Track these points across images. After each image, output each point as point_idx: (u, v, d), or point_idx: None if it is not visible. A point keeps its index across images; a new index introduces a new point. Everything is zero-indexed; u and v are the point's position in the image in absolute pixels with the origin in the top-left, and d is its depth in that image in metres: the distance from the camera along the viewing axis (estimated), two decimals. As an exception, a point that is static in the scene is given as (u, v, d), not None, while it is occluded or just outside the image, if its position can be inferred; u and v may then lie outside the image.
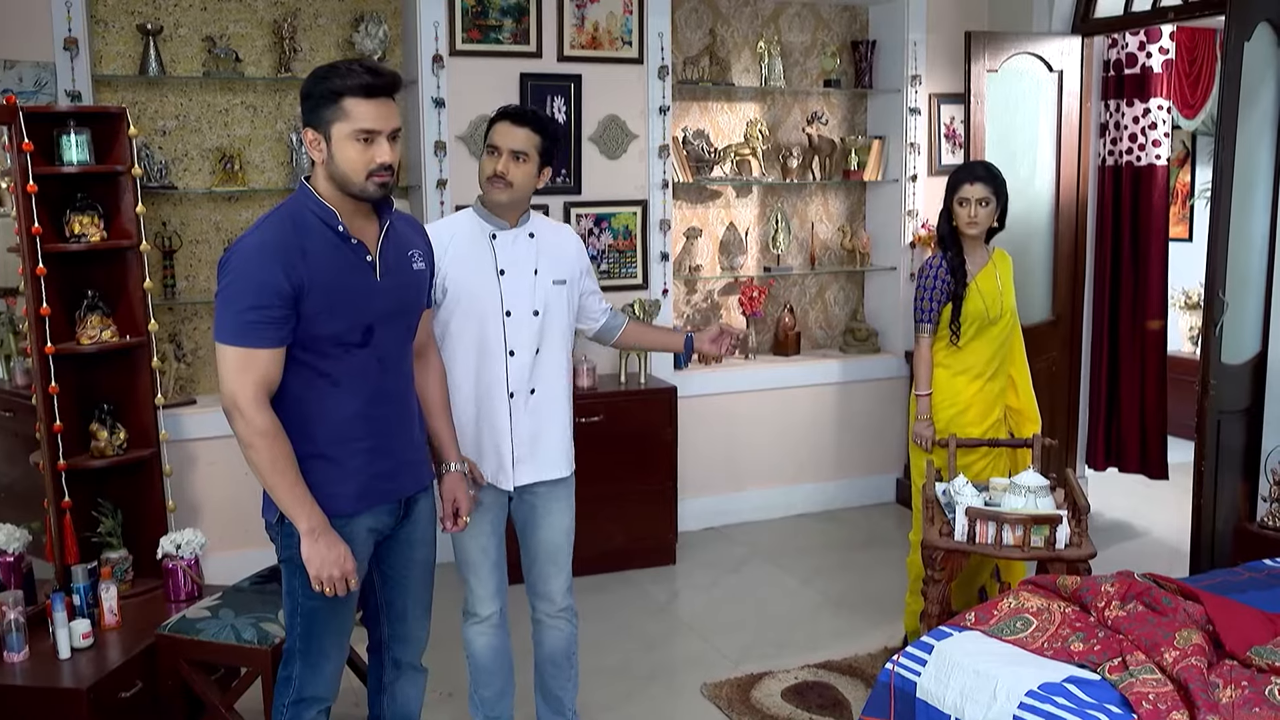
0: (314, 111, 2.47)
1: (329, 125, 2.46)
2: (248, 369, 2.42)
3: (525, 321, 3.08)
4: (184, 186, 4.89)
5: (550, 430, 3.17)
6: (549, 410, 3.16)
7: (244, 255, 2.43)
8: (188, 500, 4.70)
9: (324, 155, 2.49)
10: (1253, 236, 4.47)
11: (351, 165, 2.47)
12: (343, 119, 2.45)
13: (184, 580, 3.75)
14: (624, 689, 4.00)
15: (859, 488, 6.09)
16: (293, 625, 2.65)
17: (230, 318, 2.42)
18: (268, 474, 2.48)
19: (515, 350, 3.08)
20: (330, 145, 2.47)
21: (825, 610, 4.69)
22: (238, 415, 2.44)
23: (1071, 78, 5.53)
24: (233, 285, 2.42)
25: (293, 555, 2.57)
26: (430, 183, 4.98)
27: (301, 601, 2.61)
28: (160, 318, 4.86)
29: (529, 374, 3.10)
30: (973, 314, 3.91)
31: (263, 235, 2.47)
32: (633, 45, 5.28)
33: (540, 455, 3.16)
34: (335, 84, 2.44)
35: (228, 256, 2.44)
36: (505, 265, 3.08)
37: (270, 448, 2.46)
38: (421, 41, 4.91)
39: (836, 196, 6.21)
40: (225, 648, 3.18)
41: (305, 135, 2.51)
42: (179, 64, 4.85)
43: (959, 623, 3.02)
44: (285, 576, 2.64)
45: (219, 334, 2.44)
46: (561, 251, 3.20)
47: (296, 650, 2.65)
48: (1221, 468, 4.42)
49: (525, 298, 3.08)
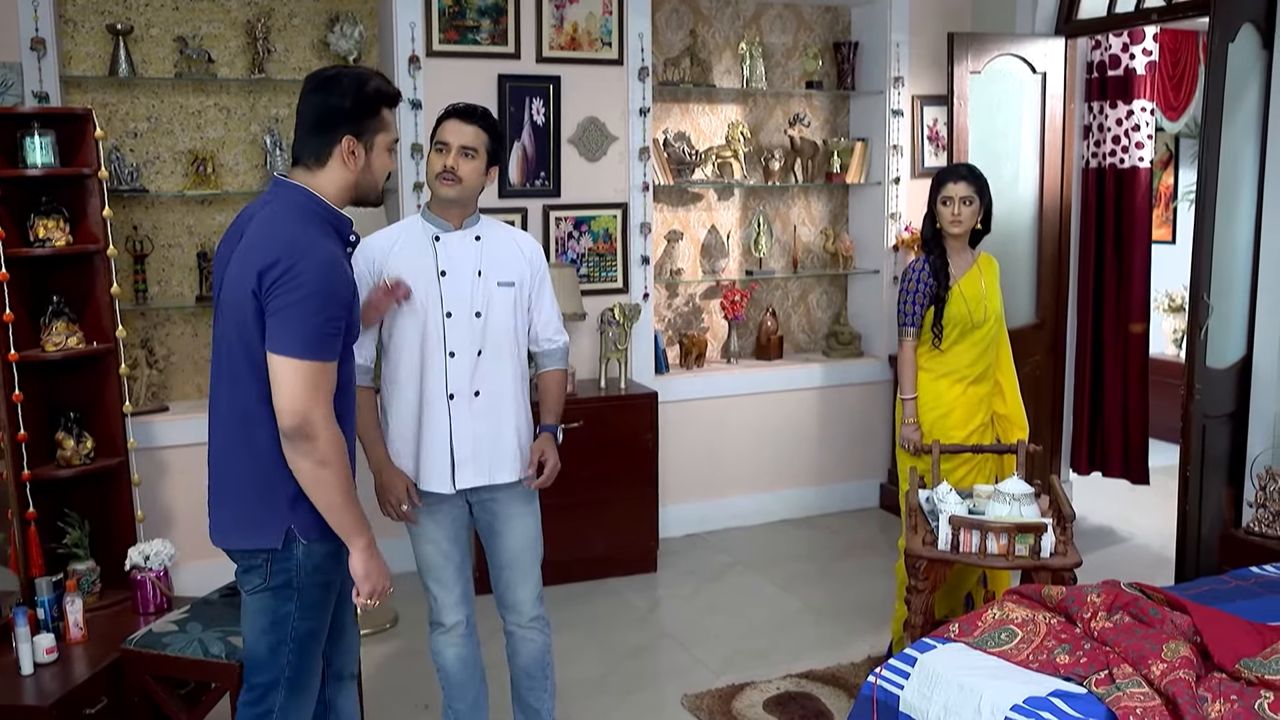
0: (360, 121, 2.45)
1: (373, 135, 2.47)
2: (321, 384, 2.34)
3: (466, 322, 3.05)
4: (155, 189, 4.80)
5: (496, 433, 3.11)
6: (494, 413, 3.11)
7: (317, 265, 2.32)
8: (159, 509, 4.61)
9: (359, 165, 2.47)
10: (1237, 239, 4.43)
11: (381, 175, 2.52)
12: (385, 130, 2.49)
13: (153, 592, 3.66)
14: (604, 701, 3.93)
15: (842, 493, 6.04)
16: (278, 655, 2.52)
17: (307, 331, 2.31)
18: (338, 493, 2.40)
19: (455, 351, 3.05)
20: (370, 155, 2.47)
21: (808, 618, 4.63)
22: (311, 436, 2.33)
23: (1055, 79, 5.49)
24: (311, 298, 2.30)
25: (290, 580, 2.47)
26: (406, 185, 4.91)
27: (296, 626, 2.51)
28: (132, 323, 4.79)
29: (470, 375, 3.06)
30: (955, 317, 3.86)
31: (321, 243, 2.38)
32: (612, 46, 5.22)
33: (484, 458, 3.10)
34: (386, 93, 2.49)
35: (290, 267, 2.30)
36: (446, 266, 3.05)
37: (344, 466, 2.41)
38: (398, 42, 4.84)
39: (819, 199, 6.16)
40: (192, 663, 3.10)
41: (344, 144, 2.44)
42: (150, 65, 4.76)
43: (943, 634, 2.96)
44: (273, 605, 2.49)
45: (290, 349, 2.30)
46: (512, 253, 3.15)
47: (283, 680, 2.54)
48: (1207, 473, 4.38)
49: (465, 299, 3.05)
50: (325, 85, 2.47)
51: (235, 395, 2.43)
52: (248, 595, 2.53)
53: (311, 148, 2.46)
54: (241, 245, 2.41)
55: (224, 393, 2.46)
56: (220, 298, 2.46)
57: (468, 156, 3.00)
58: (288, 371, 2.31)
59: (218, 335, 2.47)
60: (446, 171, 2.98)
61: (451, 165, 2.98)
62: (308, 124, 2.47)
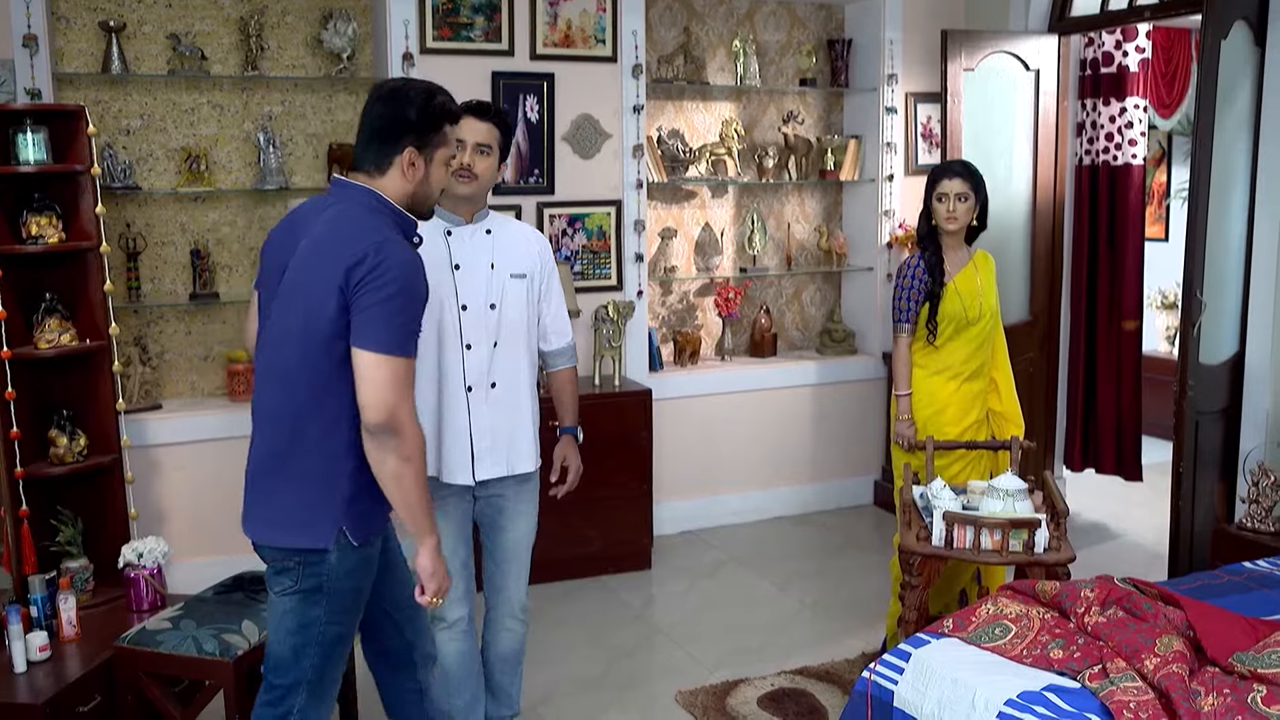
0: (423, 133, 2.49)
1: (434, 149, 2.53)
2: (405, 380, 2.36)
3: (481, 315, 3.08)
4: (148, 187, 4.79)
5: (512, 424, 3.15)
6: (511, 404, 3.14)
7: (401, 264, 2.35)
8: (152, 507, 4.60)
9: (418, 176, 2.51)
10: (1230, 236, 4.44)
11: (437, 189, 2.59)
12: (445, 144, 2.56)
13: (146, 590, 3.65)
14: (599, 698, 3.93)
15: (836, 490, 6.04)
16: (302, 657, 2.51)
17: (394, 328, 2.33)
18: (416, 490, 2.42)
19: (472, 344, 3.07)
20: (429, 168, 2.53)
21: (802, 615, 4.63)
22: (398, 431, 2.35)
23: (1048, 77, 5.50)
24: (398, 295, 2.34)
25: (321, 585, 2.47)
26: (400, 183, 4.90)
27: (324, 630, 2.51)
28: (125, 321, 4.77)
29: (487, 367, 3.09)
30: (950, 314, 3.87)
31: (402, 242, 2.43)
32: (606, 44, 5.22)
33: (502, 449, 3.14)
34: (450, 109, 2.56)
35: (378, 264, 2.32)
36: (460, 260, 3.08)
37: (424, 462, 2.44)
38: (391, 39, 4.83)
39: (813, 196, 6.16)
40: (186, 660, 3.09)
41: (406, 155, 2.48)
42: (143, 62, 4.75)
43: (937, 629, 2.97)
44: (302, 609, 2.48)
45: (379, 345, 2.32)
46: (522, 247, 3.19)
47: (305, 682, 2.53)
48: (1199, 469, 4.39)
49: (480, 291, 3.08)
50: (393, 95, 2.50)
51: (293, 391, 2.42)
52: (276, 596, 2.52)
53: (373, 155, 2.49)
54: (316, 242, 2.41)
55: (275, 388, 2.45)
56: (278, 296, 2.45)
57: (483, 153, 3.03)
58: (376, 367, 2.32)
59: (271, 331, 2.46)
60: (464, 169, 3.00)
61: (469, 163, 3.01)
62: (371, 132, 2.50)
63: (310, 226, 2.46)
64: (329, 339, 2.36)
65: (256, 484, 2.51)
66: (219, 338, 4.99)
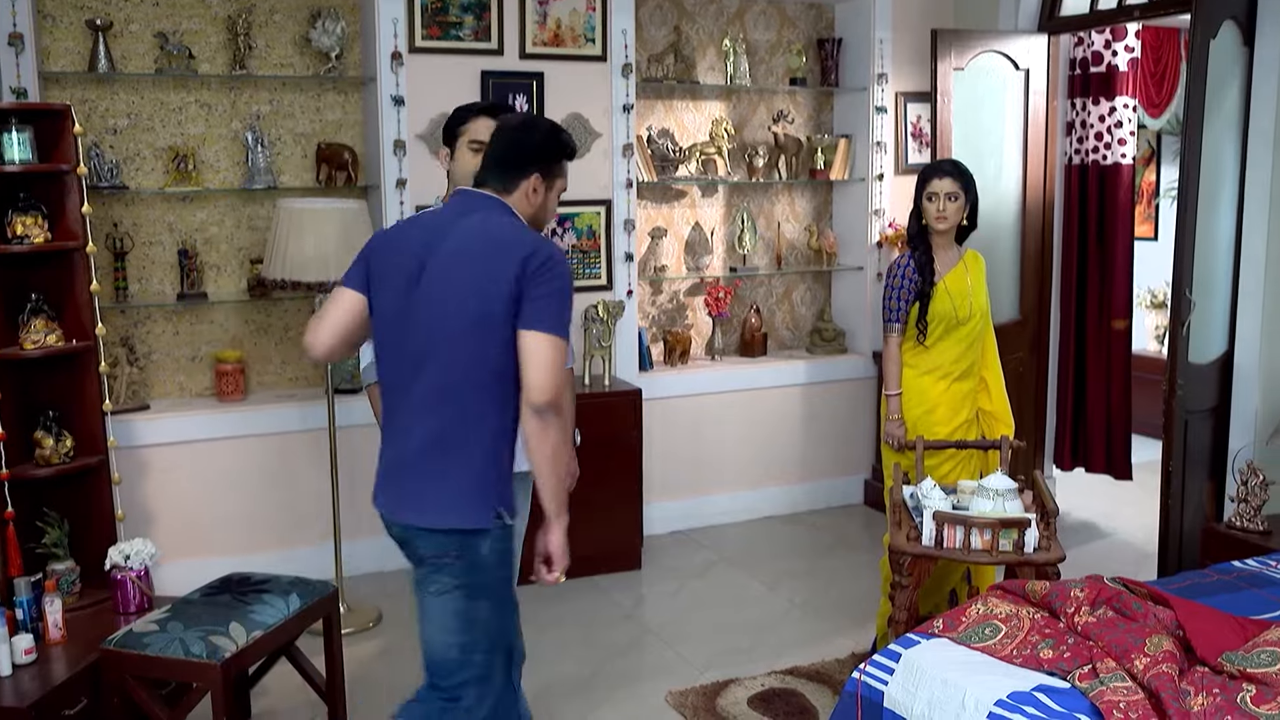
0: (549, 164, 2.71)
1: (554, 179, 2.73)
2: (564, 363, 2.56)
3: None
4: (136, 186, 4.77)
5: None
6: None
7: (565, 262, 2.59)
8: (140, 509, 4.58)
9: (537, 202, 2.70)
10: (1219, 235, 4.45)
11: (549, 216, 2.78)
12: (561, 176, 2.76)
13: (133, 592, 3.64)
14: (589, 699, 3.92)
15: (826, 490, 6.04)
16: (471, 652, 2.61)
17: (563, 315, 2.56)
18: (563, 467, 2.60)
19: None
20: (547, 195, 2.72)
21: (792, 615, 4.63)
22: (559, 410, 2.53)
23: (1038, 76, 5.50)
24: (565, 289, 2.56)
25: (480, 575, 2.58)
26: (389, 182, 4.88)
27: (488, 623, 2.63)
28: (112, 321, 4.75)
29: None
30: (940, 313, 3.86)
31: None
32: (596, 43, 5.20)
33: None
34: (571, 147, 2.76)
35: (549, 258, 2.53)
36: None
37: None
38: (380, 38, 4.82)
39: (803, 196, 6.16)
40: (173, 662, 3.07)
41: (531, 180, 2.67)
42: (130, 61, 4.72)
43: (927, 630, 2.96)
44: (464, 605, 2.58)
45: (552, 328, 2.51)
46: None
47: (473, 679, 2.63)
48: (1189, 468, 4.39)
49: None
50: (524, 127, 2.74)
51: (465, 376, 2.55)
52: (434, 598, 2.60)
53: (501, 177, 2.67)
54: (480, 240, 2.57)
55: (441, 374, 2.56)
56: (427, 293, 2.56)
57: None
58: (547, 348, 2.50)
59: (428, 324, 2.56)
60: None
61: None
62: (502, 155, 2.69)
63: (452, 230, 2.60)
64: (501, 325, 2.51)
65: (419, 470, 2.59)
66: (207, 338, 4.97)
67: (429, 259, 2.58)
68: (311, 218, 4.27)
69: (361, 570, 4.94)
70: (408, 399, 2.61)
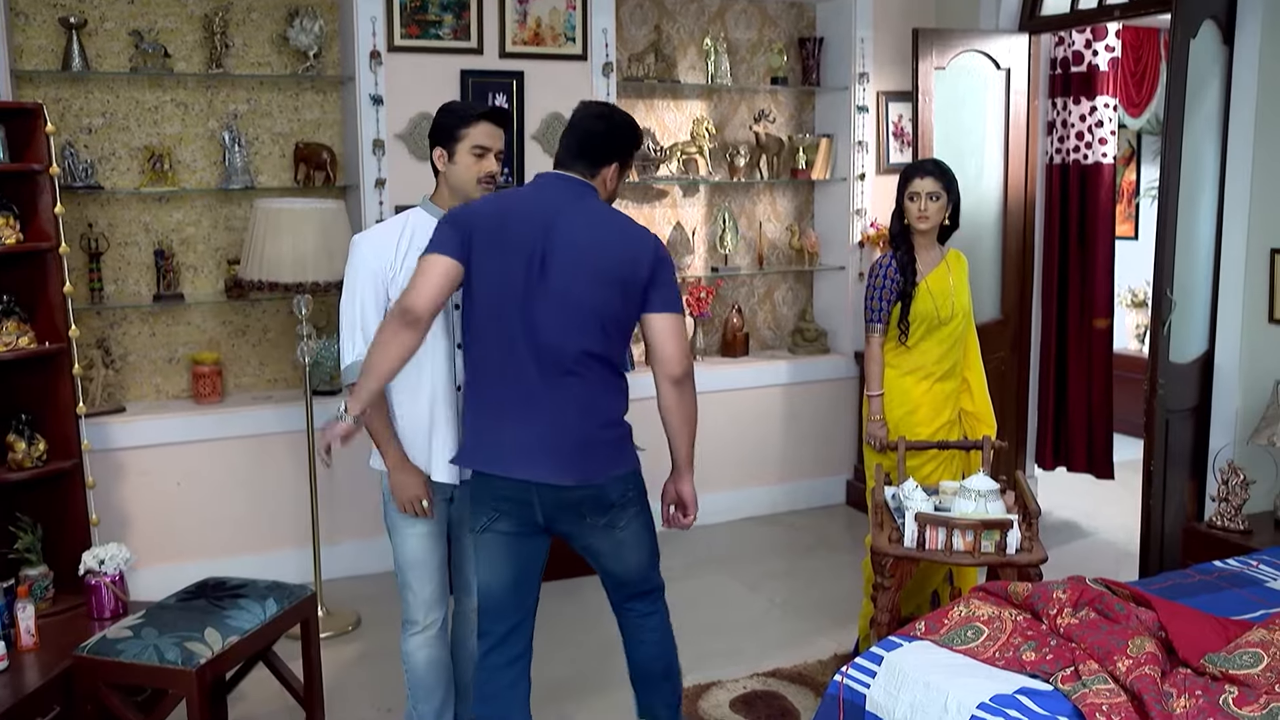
0: (626, 154, 2.98)
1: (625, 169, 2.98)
2: None
3: None
4: (111, 186, 4.72)
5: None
6: None
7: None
8: (116, 512, 4.53)
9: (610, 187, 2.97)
10: (1199, 235, 4.45)
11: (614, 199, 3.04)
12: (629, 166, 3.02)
13: (107, 597, 3.59)
14: (570, 703, 3.90)
15: (808, 490, 6.02)
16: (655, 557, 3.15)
17: (679, 296, 2.94)
18: (695, 425, 3.03)
19: (463, 343, 3.04)
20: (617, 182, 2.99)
21: (774, 616, 4.61)
22: (692, 375, 2.94)
23: (1019, 75, 5.50)
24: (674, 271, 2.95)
25: (645, 498, 3.05)
26: (368, 182, 4.85)
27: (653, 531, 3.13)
28: (87, 322, 4.70)
29: None
30: (922, 314, 3.85)
31: None
32: (576, 42, 5.18)
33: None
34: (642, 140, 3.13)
35: (665, 249, 2.90)
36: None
37: None
38: (359, 37, 4.78)
39: (784, 195, 6.15)
40: (147, 669, 3.03)
41: (611, 169, 2.94)
42: (105, 59, 4.67)
43: (909, 632, 2.95)
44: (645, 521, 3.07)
45: (679, 308, 2.91)
46: None
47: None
48: (1170, 467, 4.39)
49: None
50: (608, 117, 2.97)
51: (609, 350, 2.86)
52: (626, 529, 2.99)
53: (585, 163, 2.91)
54: (603, 230, 2.85)
55: (565, 354, 2.80)
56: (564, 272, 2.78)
57: (499, 160, 3.11)
58: (679, 326, 2.89)
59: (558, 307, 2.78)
60: (491, 178, 3.08)
61: (495, 172, 3.08)
62: (589, 144, 2.91)
63: (567, 213, 2.83)
64: (627, 308, 2.84)
65: (592, 433, 2.88)
66: (184, 339, 4.92)
67: (552, 241, 2.79)
68: (289, 218, 4.23)
69: (340, 574, 4.90)
70: (527, 373, 2.81)
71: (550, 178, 2.93)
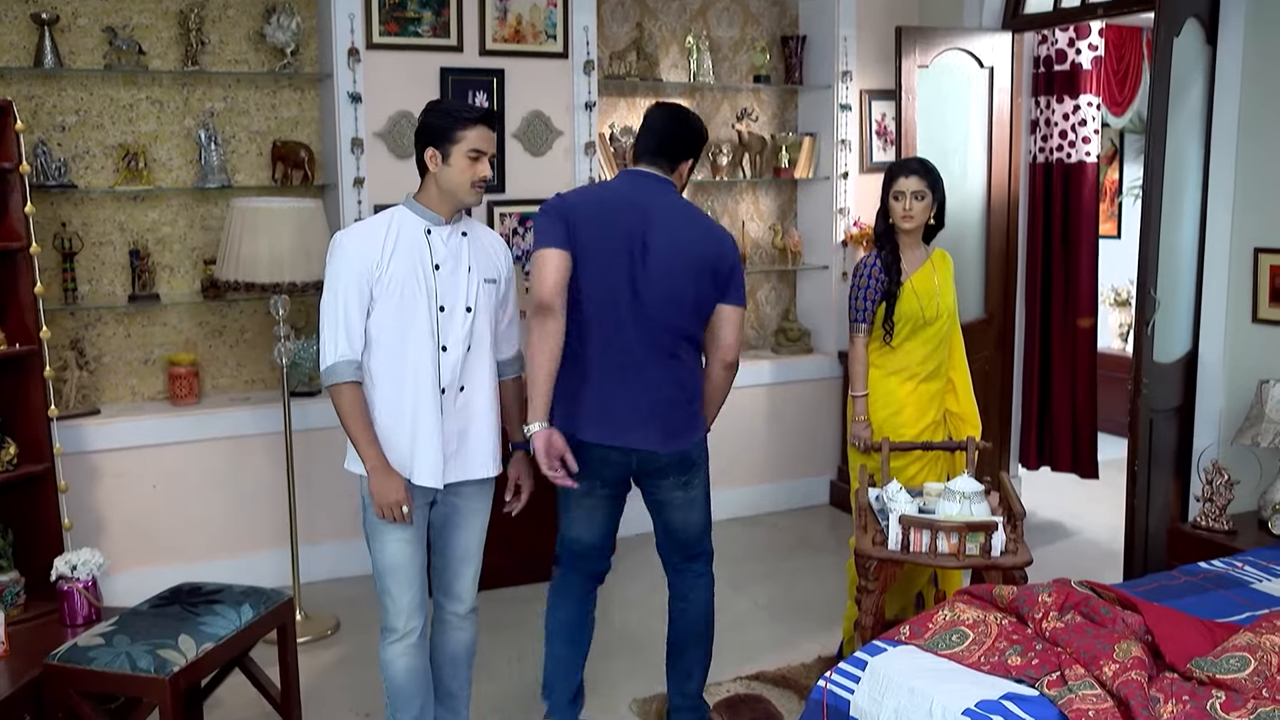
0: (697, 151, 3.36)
1: (696, 163, 3.37)
2: None
3: (459, 317, 3.06)
4: (85, 185, 4.65)
5: (478, 428, 3.14)
6: (478, 408, 3.13)
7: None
8: (91, 516, 4.46)
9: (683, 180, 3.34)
10: (1183, 234, 4.43)
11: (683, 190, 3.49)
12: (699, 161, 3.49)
13: (81, 603, 3.52)
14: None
15: (791, 491, 5.99)
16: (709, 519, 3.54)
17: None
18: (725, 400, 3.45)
19: (448, 346, 3.04)
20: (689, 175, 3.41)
21: (758, 618, 4.57)
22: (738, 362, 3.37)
23: (1002, 74, 5.48)
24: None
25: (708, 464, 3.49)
26: (347, 181, 4.79)
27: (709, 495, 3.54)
28: (61, 324, 4.63)
29: (460, 370, 3.07)
30: (906, 314, 3.82)
31: None
32: (557, 39, 5.13)
33: (467, 453, 3.12)
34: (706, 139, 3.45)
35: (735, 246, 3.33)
36: (440, 260, 3.05)
37: None
38: (336, 34, 4.72)
39: (767, 194, 6.11)
40: (119, 677, 2.97)
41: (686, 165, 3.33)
42: (78, 56, 4.60)
43: (893, 637, 2.91)
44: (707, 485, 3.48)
45: (744, 302, 3.31)
46: (493, 252, 3.21)
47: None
48: (1154, 467, 4.37)
49: (459, 293, 3.06)
50: (681, 119, 3.32)
51: (693, 334, 3.27)
52: (697, 489, 3.41)
53: (665, 160, 3.28)
54: (694, 226, 3.25)
55: (676, 330, 3.21)
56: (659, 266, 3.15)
57: (492, 164, 3.08)
58: (741, 318, 3.31)
59: (659, 297, 3.16)
60: (484, 181, 3.04)
61: (488, 176, 3.04)
62: (668, 144, 3.28)
63: (658, 209, 3.20)
64: (710, 299, 3.25)
65: (676, 407, 3.26)
66: (159, 340, 4.86)
67: (650, 230, 3.16)
68: (265, 217, 4.17)
69: (319, 576, 4.85)
70: (633, 352, 3.18)
71: (637, 173, 3.28)
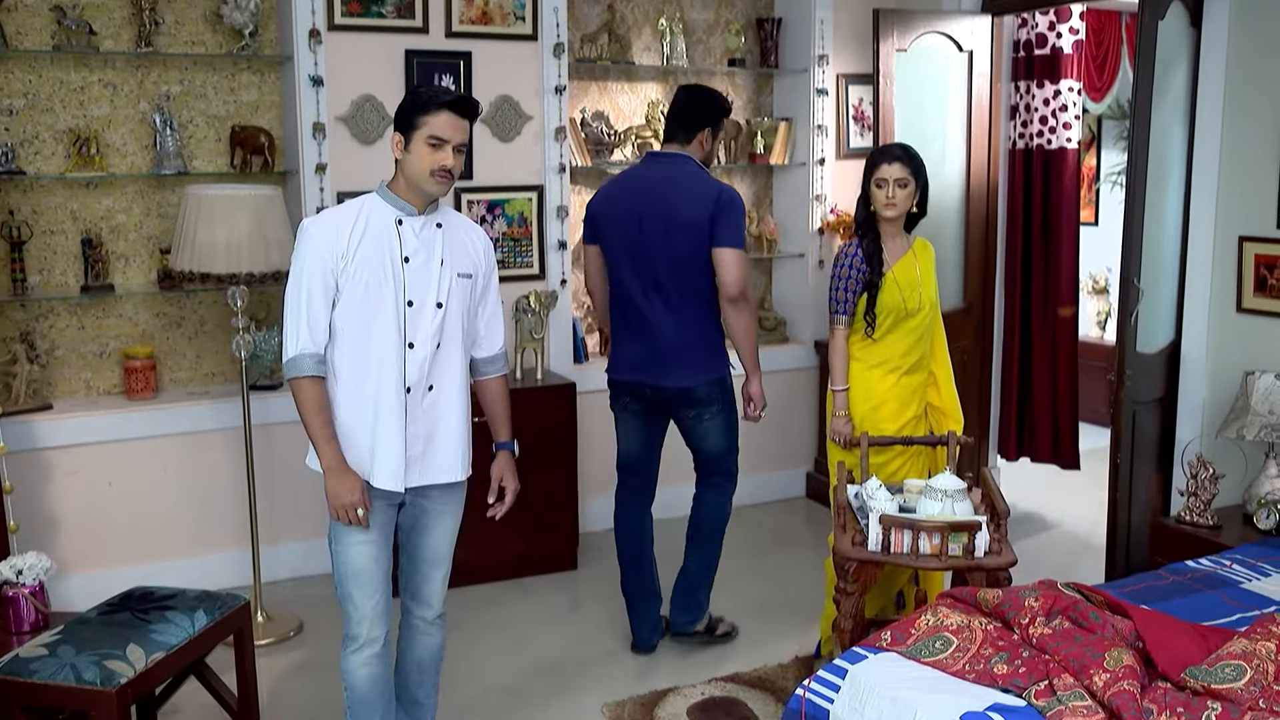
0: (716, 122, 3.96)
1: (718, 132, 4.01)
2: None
3: (428, 313, 2.91)
4: (34, 171, 4.47)
5: (446, 430, 3.00)
6: (446, 409, 2.99)
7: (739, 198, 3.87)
8: (43, 515, 4.30)
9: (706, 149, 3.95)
10: (1165, 222, 4.34)
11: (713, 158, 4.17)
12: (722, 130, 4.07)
13: (26, 610, 3.36)
14: (522, 711, 3.74)
15: (766, 483, 5.88)
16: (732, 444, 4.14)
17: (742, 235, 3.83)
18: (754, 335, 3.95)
19: (415, 343, 2.89)
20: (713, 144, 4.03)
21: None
22: (748, 298, 3.86)
23: (981, 58, 5.36)
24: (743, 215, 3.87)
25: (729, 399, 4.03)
26: (308, 167, 4.63)
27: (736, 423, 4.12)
28: (10, 315, 4.47)
29: (428, 369, 2.92)
30: (888, 305, 3.70)
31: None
32: (526, 21, 4.98)
33: (433, 456, 2.99)
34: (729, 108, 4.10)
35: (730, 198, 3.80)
36: (410, 253, 2.89)
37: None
38: (297, 15, 4.55)
39: (742, 181, 5.98)
40: (63, 690, 2.82)
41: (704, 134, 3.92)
42: (25, 36, 4.41)
43: (874, 643, 2.80)
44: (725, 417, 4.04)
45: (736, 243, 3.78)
46: (470, 246, 3.05)
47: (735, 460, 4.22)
48: (1137, 460, 4.28)
49: (429, 288, 2.91)
50: (691, 90, 3.98)
51: (696, 282, 3.83)
52: (708, 423, 3.98)
53: (681, 132, 3.89)
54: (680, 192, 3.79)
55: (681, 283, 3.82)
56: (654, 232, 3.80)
57: (459, 152, 2.87)
58: (736, 258, 3.76)
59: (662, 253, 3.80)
60: (445, 171, 2.85)
61: (451, 166, 2.85)
62: (683, 115, 3.88)
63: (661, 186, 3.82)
64: (709, 247, 3.77)
65: (686, 349, 3.86)
66: (115, 332, 4.69)
67: (645, 210, 3.80)
68: (222, 205, 4.02)
69: (281, 576, 4.71)
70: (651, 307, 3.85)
71: (650, 155, 3.99)
